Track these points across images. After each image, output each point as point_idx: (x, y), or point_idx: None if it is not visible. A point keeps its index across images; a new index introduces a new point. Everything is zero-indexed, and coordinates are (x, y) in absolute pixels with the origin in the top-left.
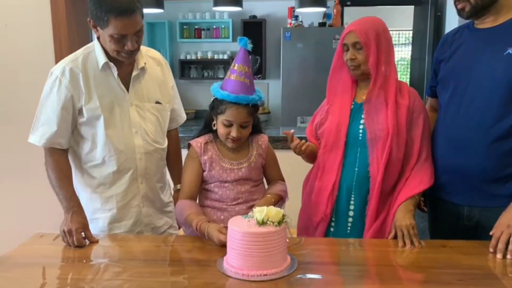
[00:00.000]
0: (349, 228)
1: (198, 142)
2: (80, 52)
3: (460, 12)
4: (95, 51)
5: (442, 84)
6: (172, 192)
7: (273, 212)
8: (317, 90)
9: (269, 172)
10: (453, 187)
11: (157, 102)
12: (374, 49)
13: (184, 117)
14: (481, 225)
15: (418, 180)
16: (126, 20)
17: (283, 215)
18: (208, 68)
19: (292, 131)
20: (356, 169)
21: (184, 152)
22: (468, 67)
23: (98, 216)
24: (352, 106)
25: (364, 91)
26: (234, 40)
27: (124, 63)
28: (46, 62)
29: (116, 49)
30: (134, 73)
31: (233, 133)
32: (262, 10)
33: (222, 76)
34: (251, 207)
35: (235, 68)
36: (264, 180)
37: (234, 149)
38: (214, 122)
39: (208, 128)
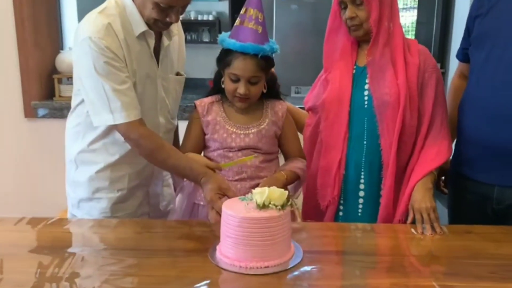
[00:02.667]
0: (360, 210)
1: (202, 102)
2: (113, 11)
3: None
4: (127, 12)
5: (476, 44)
6: None
7: (276, 193)
8: (314, 57)
9: (287, 146)
10: (482, 163)
11: (178, 74)
12: (376, 3)
13: None
14: None
15: (435, 152)
16: None
17: (288, 197)
18: (191, 30)
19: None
20: (365, 142)
21: None
22: (510, 22)
23: (100, 196)
24: (354, 71)
25: (365, 49)
26: None
27: (154, 31)
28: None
29: (157, 18)
30: (165, 43)
31: (240, 89)
32: None
33: (207, 40)
34: (256, 186)
35: (245, 13)
36: (282, 158)
37: (244, 112)
38: (223, 79)
39: (217, 88)
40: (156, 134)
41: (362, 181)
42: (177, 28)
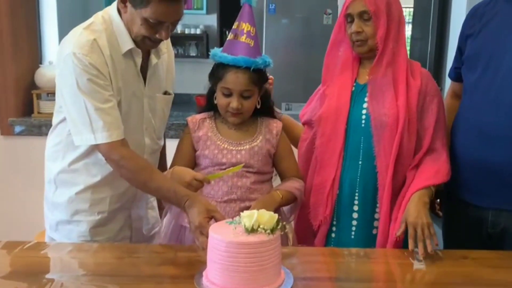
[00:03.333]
0: (353, 232)
1: (194, 118)
2: (99, 26)
3: None
4: (113, 28)
5: (469, 63)
6: None
7: (266, 217)
8: (305, 72)
9: (282, 166)
10: (476, 186)
11: (166, 93)
12: (384, 21)
13: None
14: (509, 232)
15: (435, 171)
16: (171, 6)
17: (278, 220)
18: (178, 44)
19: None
20: (360, 162)
21: None
22: (502, 42)
23: (80, 219)
24: (354, 88)
25: (368, 71)
26: (208, 12)
27: (142, 49)
28: None
29: (145, 35)
30: (154, 61)
31: (233, 103)
32: None
33: (194, 54)
34: (246, 209)
35: (237, 27)
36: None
37: (237, 128)
38: (215, 95)
39: (210, 105)
40: (138, 156)
41: (356, 202)
42: (166, 46)
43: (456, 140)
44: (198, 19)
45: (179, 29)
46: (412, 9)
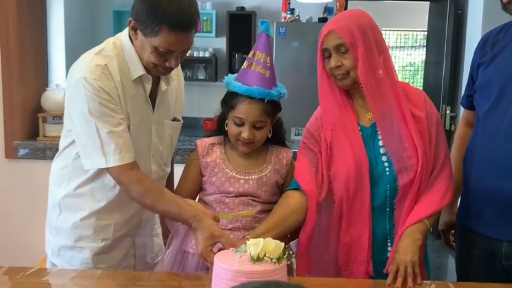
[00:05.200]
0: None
1: (203, 142)
2: (110, 52)
3: (506, 6)
4: (125, 54)
5: (481, 92)
6: None
7: (272, 245)
8: (315, 96)
9: None
10: (489, 217)
11: (174, 119)
12: (362, 50)
13: None
14: None
15: (428, 201)
16: (181, 36)
17: (285, 249)
18: (186, 67)
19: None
20: (388, 208)
21: None
22: None
23: (83, 245)
24: (361, 132)
25: (363, 105)
26: (218, 35)
27: (152, 75)
28: None
29: (155, 63)
30: (163, 88)
31: (244, 133)
32: (252, 1)
33: (202, 77)
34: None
35: (252, 56)
36: None
37: (246, 156)
38: (227, 121)
39: (220, 129)
40: (148, 177)
41: (389, 244)
42: (176, 73)
43: (468, 170)
44: (207, 42)
45: (188, 52)
46: (426, 33)
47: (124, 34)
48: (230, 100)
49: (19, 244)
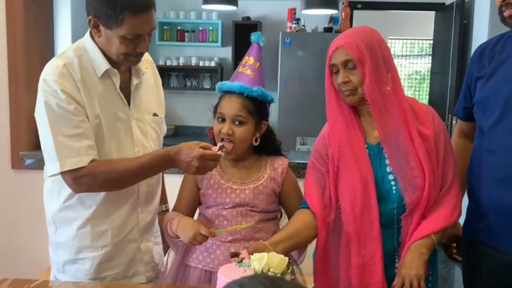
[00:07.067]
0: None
1: None
2: (71, 54)
3: (505, 20)
4: (88, 54)
5: (483, 107)
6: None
7: (276, 260)
8: (320, 106)
9: (288, 204)
10: (500, 231)
11: (155, 114)
12: (369, 66)
13: (165, 129)
14: None
15: (436, 217)
16: (145, 16)
17: (289, 264)
18: (192, 76)
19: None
20: (395, 226)
21: None
22: None
23: (84, 256)
24: (368, 150)
25: (370, 123)
26: (223, 45)
27: (121, 70)
28: None
29: (126, 52)
30: (135, 82)
31: (224, 128)
32: (258, 11)
33: (207, 87)
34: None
35: (244, 61)
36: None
37: (241, 167)
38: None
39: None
40: (104, 160)
41: (396, 265)
42: (146, 66)
43: (477, 185)
44: (213, 52)
45: (193, 61)
46: (431, 42)
47: (85, 37)
48: (217, 102)
49: (24, 253)
